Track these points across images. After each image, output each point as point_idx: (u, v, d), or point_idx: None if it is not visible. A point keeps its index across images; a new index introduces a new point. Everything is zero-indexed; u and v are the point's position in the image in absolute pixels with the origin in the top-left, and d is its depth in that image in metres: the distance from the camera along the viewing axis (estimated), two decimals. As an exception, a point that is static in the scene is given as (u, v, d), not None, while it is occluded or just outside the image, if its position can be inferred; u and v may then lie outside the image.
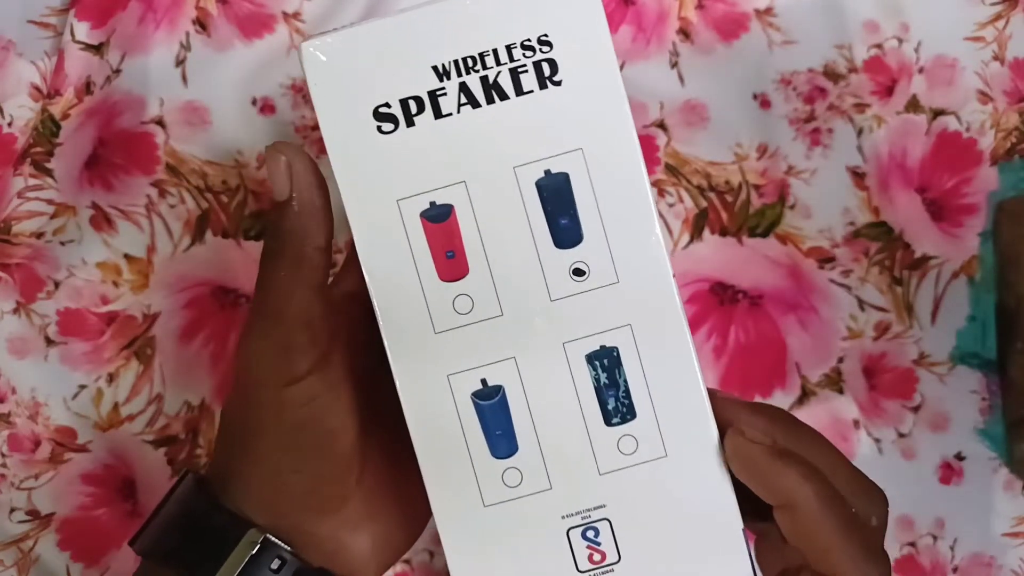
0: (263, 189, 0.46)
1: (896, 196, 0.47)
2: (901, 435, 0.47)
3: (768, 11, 0.48)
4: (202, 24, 0.47)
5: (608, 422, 0.28)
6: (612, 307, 0.28)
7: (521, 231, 0.27)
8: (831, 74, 0.47)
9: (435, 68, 0.27)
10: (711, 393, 0.28)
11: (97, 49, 0.45)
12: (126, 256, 0.46)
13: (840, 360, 0.47)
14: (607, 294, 0.28)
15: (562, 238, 0.28)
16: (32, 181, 0.45)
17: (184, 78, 0.46)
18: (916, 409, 0.47)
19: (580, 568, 0.28)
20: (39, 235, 0.45)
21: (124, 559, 0.45)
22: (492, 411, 0.28)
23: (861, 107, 0.47)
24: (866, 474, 0.30)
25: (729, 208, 0.47)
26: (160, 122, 0.46)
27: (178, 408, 0.45)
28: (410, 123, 0.27)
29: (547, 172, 0.27)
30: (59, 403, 0.45)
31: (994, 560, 0.46)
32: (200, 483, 0.31)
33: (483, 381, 0.28)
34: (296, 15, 0.47)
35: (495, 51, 0.27)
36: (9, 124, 0.45)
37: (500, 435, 0.28)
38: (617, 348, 0.28)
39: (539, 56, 0.27)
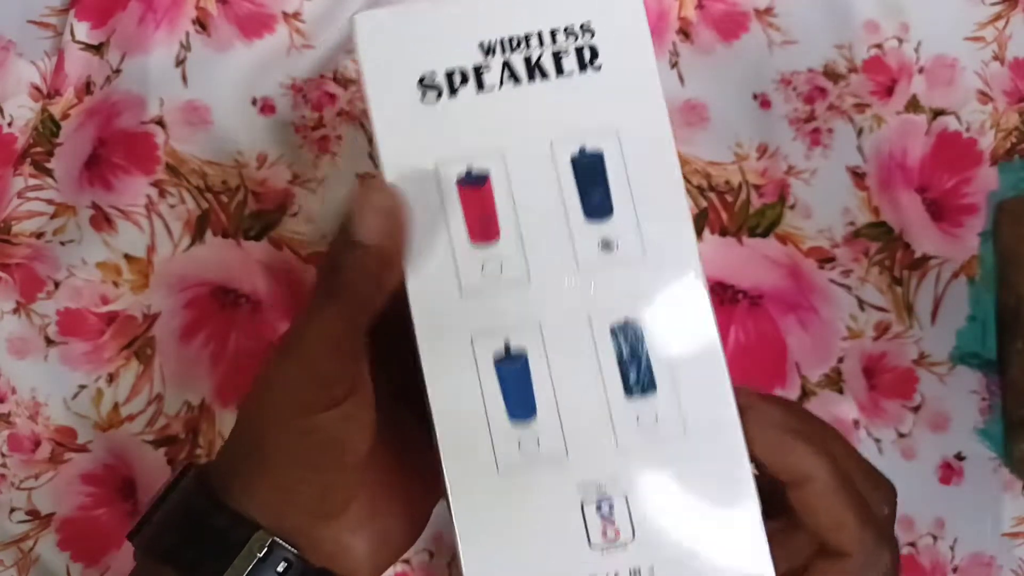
0: (263, 189, 0.46)
1: (896, 196, 0.47)
2: (901, 435, 0.47)
3: (768, 11, 0.48)
4: (202, 24, 0.47)
5: (628, 393, 0.27)
6: (638, 281, 0.28)
7: (553, 202, 0.28)
8: (831, 74, 0.47)
9: (481, 45, 0.28)
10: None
11: (97, 49, 0.45)
12: (126, 256, 0.46)
13: (840, 360, 0.47)
14: (634, 268, 0.28)
15: (593, 211, 0.28)
16: (32, 181, 0.45)
17: (184, 78, 0.46)
18: (916, 409, 0.47)
19: (592, 542, 0.27)
20: (39, 235, 0.45)
21: (124, 559, 0.45)
22: (513, 374, 0.27)
23: (861, 107, 0.47)
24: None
25: (729, 208, 0.47)
26: (160, 122, 0.46)
27: (178, 408, 0.45)
28: (453, 94, 0.28)
29: (582, 149, 0.28)
30: (59, 403, 0.45)
31: (994, 560, 0.46)
32: (201, 480, 0.31)
33: (506, 345, 0.28)
34: (296, 15, 0.47)
35: (539, 33, 0.28)
36: (9, 124, 0.45)
37: (519, 399, 0.27)
38: (642, 325, 0.28)
39: (581, 42, 0.28)
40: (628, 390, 0.27)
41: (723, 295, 0.47)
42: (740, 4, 0.48)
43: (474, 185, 0.28)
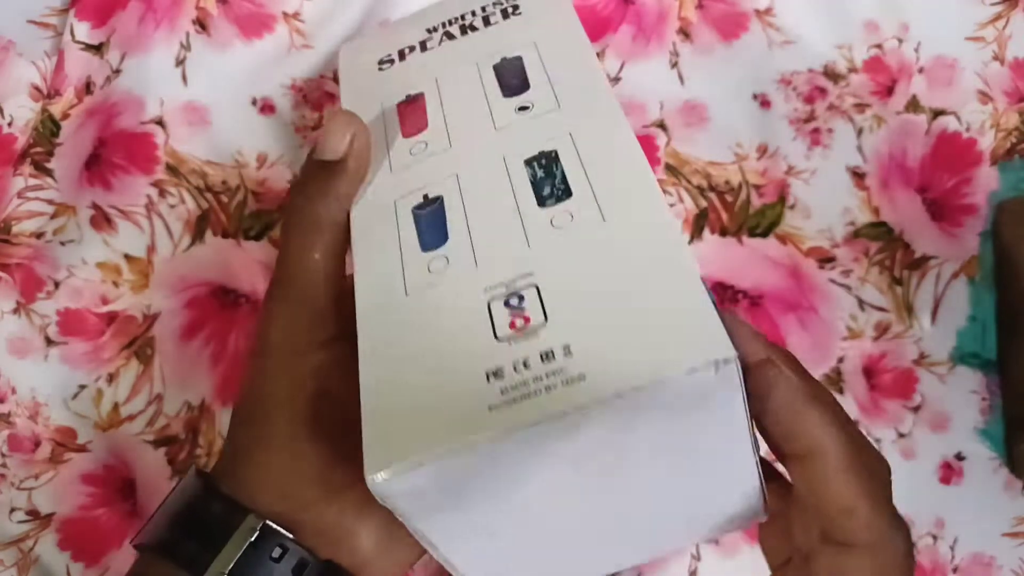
0: (263, 189, 0.46)
1: (896, 196, 0.47)
2: (901, 435, 0.47)
3: (768, 11, 0.47)
4: (202, 24, 0.47)
5: (542, 204, 0.27)
6: (552, 125, 0.29)
7: (476, 94, 0.31)
8: (831, 74, 0.47)
9: (426, 28, 0.35)
10: (732, 317, 0.25)
11: (97, 49, 0.45)
12: (126, 256, 0.46)
13: (840, 360, 0.47)
14: (549, 117, 0.29)
15: (510, 90, 0.31)
16: (32, 181, 0.45)
17: (184, 78, 0.46)
18: (916, 409, 0.47)
19: (499, 335, 0.24)
20: (39, 235, 0.45)
21: (124, 559, 0.45)
22: (428, 215, 0.28)
23: (861, 107, 0.47)
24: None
25: (729, 208, 0.47)
26: (160, 122, 0.46)
27: (178, 408, 0.45)
28: (403, 59, 0.34)
29: (503, 58, 0.32)
30: (59, 403, 0.45)
31: (994, 560, 0.46)
32: (201, 474, 0.31)
33: (424, 195, 0.29)
34: (296, 15, 0.47)
35: (473, 11, 0.35)
36: (9, 124, 0.45)
37: (432, 231, 0.28)
38: (556, 150, 0.28)
39: (505, 5, 0.34)
40: (541, 201, 0.27)
41: (723, 295, 0.47)
42: (740, 4, 0.48)
43: (410, 103, 0.32)
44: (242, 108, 0.46)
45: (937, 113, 0.47)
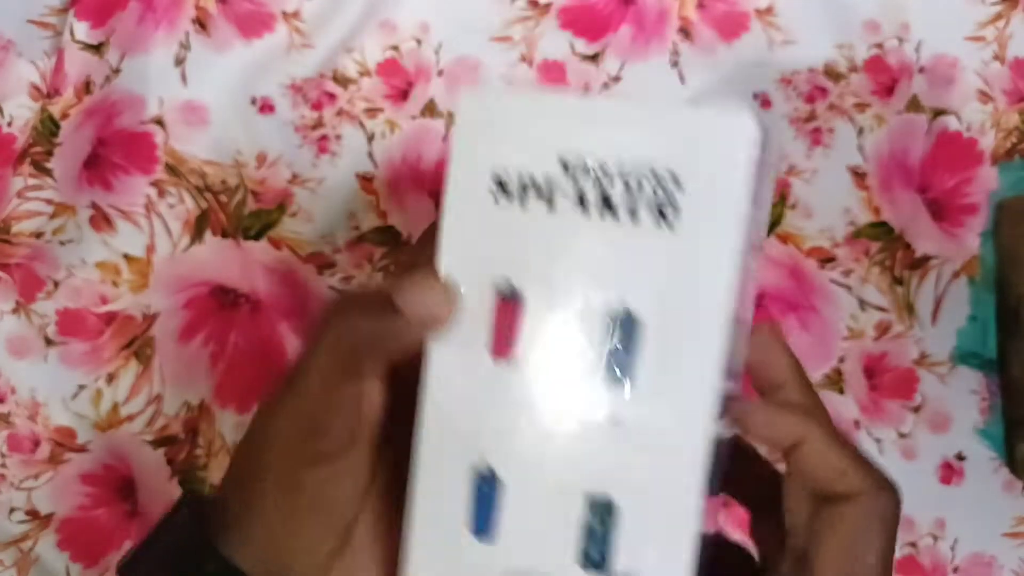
0: (263, 189, 0.46)
1: (897, 196, 0.47)
2: (901, 435, 0.47)
3: (768, 10, 0.47)
4: (202, 24, 0.47)
5: (584, 566, 0.26)
6: (630, 463, 0.26)
7: (578, 348, 0.26)
8: (831, 74, 0.47)
9: (562, 159, 0.26)
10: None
11: (97, 49, 0.45)
12: (125, 256, 0.45)
13: (841, 360, 0.47)
14: (631, 450, 0.26)
15: (612, 369, 0.26)
16: (32, 181, 0.44)
17: (183, 77, 0.46)
18: (916, 409, 0.47)
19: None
20: (39, 235, 0.45)
21: (124, 559, 0.45)
22: (482, 496, 0.27)
23: (862, 107, 0.47)
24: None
25: (729, 208, 0.47)
26: (159, 122, 0.46)
27: (177, 408, 0.45)
28: (522, 203, 0.26)
29: (625, 309, 0.26)
30: (59, 403, 0.45)
31: (994, 560, 0.46)
32: (198, 518, 0.30)
33: (489, 467, 0.27)
34: (295, 14, 0.47)
35: (622, 166, 0.26)
36: (9, 124, 0.45)
37: (482, 517, 0.27)
38: (614, 499, 0.26)
39: (663, 194, 0.25)
40: (586, 562, 0.26)
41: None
42: (740, 4, 0.48)
43: (508, 302, 0.26)
44: (241, 108, 0.46)
45: (937, 113, 0.47)
